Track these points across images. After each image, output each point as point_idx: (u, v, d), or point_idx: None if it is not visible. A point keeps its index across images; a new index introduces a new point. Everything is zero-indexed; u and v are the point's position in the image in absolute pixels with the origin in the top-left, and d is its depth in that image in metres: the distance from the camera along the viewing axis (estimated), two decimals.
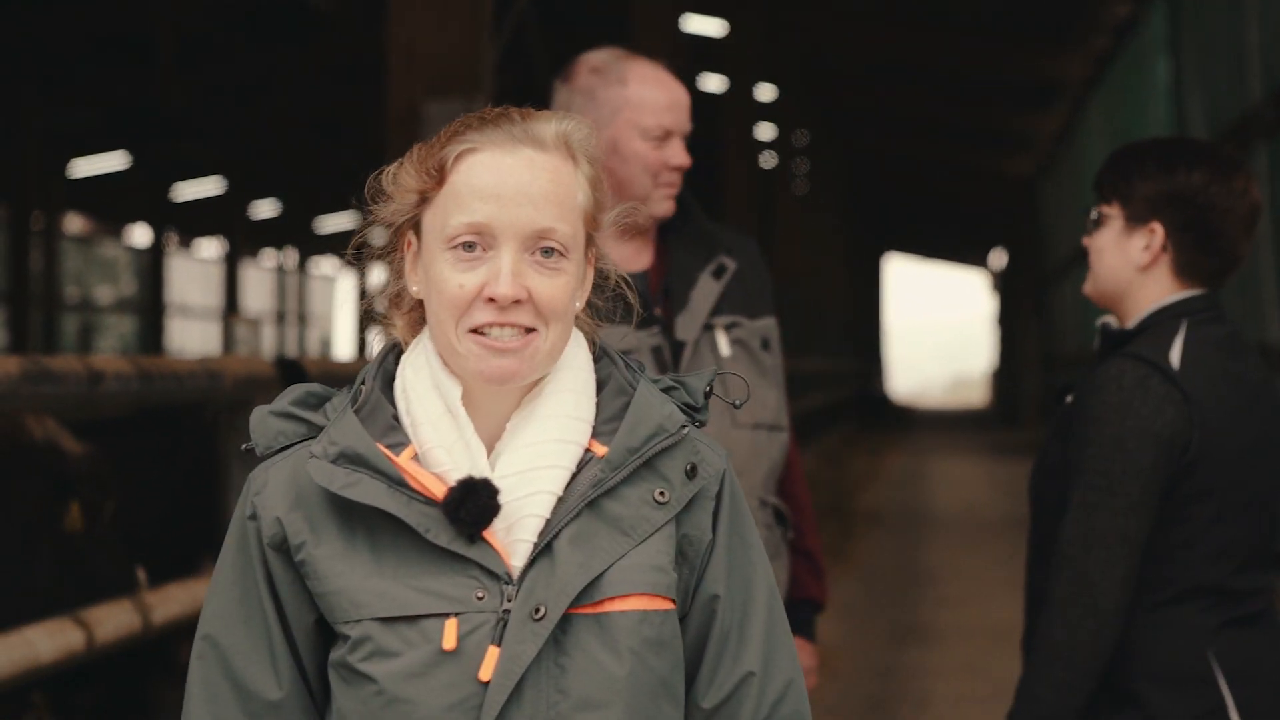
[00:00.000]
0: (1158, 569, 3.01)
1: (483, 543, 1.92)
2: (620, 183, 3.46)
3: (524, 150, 1.97)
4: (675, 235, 3.60)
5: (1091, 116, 20.38)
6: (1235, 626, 3.03)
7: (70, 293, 34.53)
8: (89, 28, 22.26)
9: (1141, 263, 3.14)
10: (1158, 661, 2.99)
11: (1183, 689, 2.98)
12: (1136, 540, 2.97)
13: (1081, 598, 2.96)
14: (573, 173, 2.01)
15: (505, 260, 1.94)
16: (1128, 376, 3.00)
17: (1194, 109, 13.32)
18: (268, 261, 46.38)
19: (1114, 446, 2.97)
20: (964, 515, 16.80)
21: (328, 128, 30.39)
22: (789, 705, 2.04)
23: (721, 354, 3.51)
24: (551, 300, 1.95)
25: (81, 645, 4.28)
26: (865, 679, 8.43)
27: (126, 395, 4.63)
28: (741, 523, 2.06)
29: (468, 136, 1.98)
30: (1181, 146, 3.24)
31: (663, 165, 3.50)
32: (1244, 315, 11.11)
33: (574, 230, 1.99)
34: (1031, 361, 32.84)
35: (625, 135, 3.48)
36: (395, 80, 7.42)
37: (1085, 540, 2.97)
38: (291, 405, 2.04)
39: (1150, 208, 3.12)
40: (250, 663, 1.98)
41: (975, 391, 68.34)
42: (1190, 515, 3.01)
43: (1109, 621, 2.95)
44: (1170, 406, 2.98)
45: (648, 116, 3.49)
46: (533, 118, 2.01)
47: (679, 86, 3.56)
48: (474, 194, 1.95)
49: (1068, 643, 2.96)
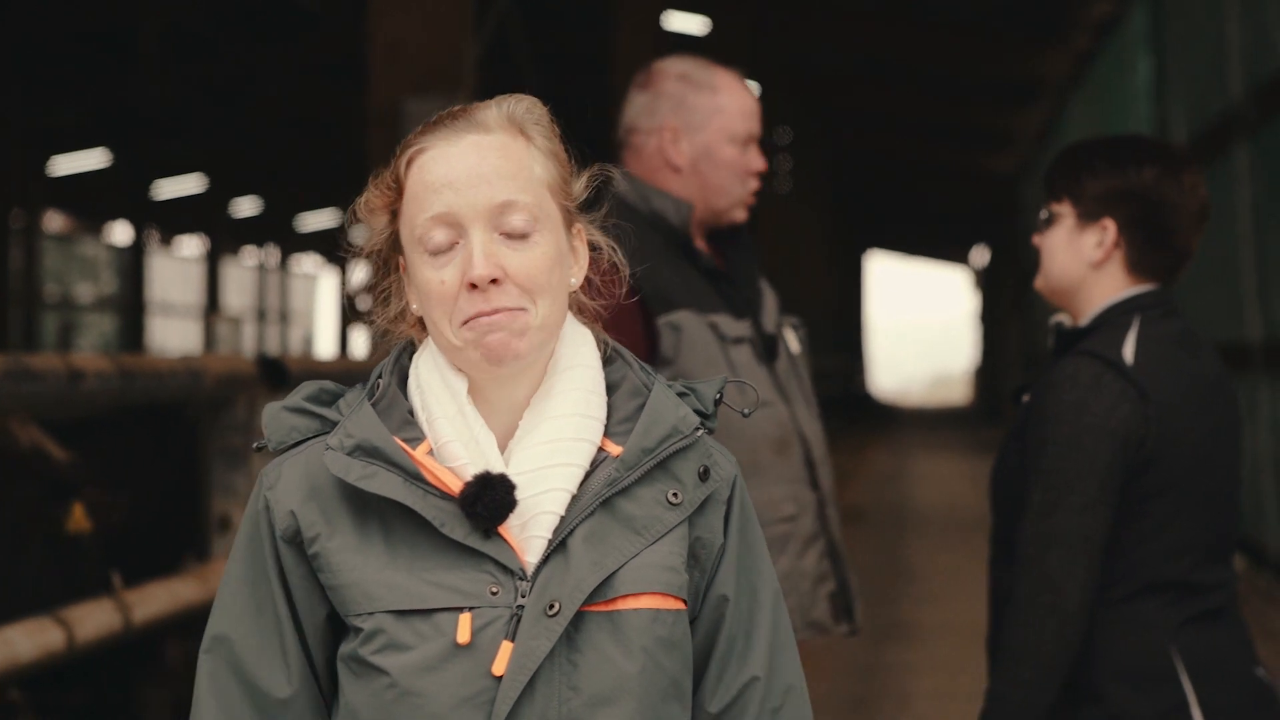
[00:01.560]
0: (1117, 565, 3.01)
1: (497, 538, 1.93)
2: (711, 187, 3.62)
3: (468, 137, 1.98)
4: (729, 239, 3.73)
5: (1073, 115, 20.43)
6: (1197, 622, 3.03)
7: (50, 291, 34.43)
8: (70, 25, 22.20)
9: (1094, 259, 3.15)
10: (1120, 658, 3.00)
11: (1145, 686, 2.99)
12: (1096, 538, 2.97)
13: (1043, 597, 2.96)
14: (524, 147, 2.01)
15: (475, 242, 1.95)
16: (1082, 374, 3.01)
17: (1175, 107, 13.36)
18: (249, 259, 46.30)
19: (1070, 445, 2.98)
20: (946, 513, 16.83)
21: (309, 125, 30.35)
22: (792, 710, 2.05)
23: (793, 351, 3.67)
24: (529, 273, 1.96)
25: (61, 644, 4.26)
26: (847, 676, 8.44)
27: (108, 394, 4.63)
28: (750, 528, 2.08)
29: (414, 141, 2.01)
30: (1131, 143, 3.26)
31: (748, 170, 3.64)
32: (1224, 313, 11.15)
33: (537, 200, 1.99)
34: (1013, 359, 32.94)
35: (718, 141, 3.62)
36: (377, 77, 7.41)
37: (1044, 539, 2.97)
38: (305, 401, 2.05)
39: (1102, 205, 3.13)
40: (260, 658, 1.98)
41: (957, 389, 68.49)
42: (1148, 511, 3.01)
43: (1072, 620, 2.96)
44: (1125, 403, 2.99)
45: (738, 123, 3.63)
46: (475, 108, 2.02)
47: (753, 94, 3.72)
48: (429, 190, 1.97)
49: (1032, 642, 2.96)
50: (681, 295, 3.41)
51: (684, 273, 3.48)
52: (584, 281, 2.09)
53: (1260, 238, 10.58)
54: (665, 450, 1.99)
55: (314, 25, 21.84)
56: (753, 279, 3.69)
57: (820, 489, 3.61)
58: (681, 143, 3.61)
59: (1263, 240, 10.55)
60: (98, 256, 38.64)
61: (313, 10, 20.86)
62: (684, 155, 3.61)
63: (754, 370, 3.49)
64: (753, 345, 3.53)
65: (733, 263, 3.69)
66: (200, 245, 40.20)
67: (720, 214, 3.65)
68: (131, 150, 29.43)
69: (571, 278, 2.05)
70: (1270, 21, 10.14)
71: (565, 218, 2.04)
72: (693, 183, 3.61)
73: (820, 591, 3.61)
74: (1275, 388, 10.37)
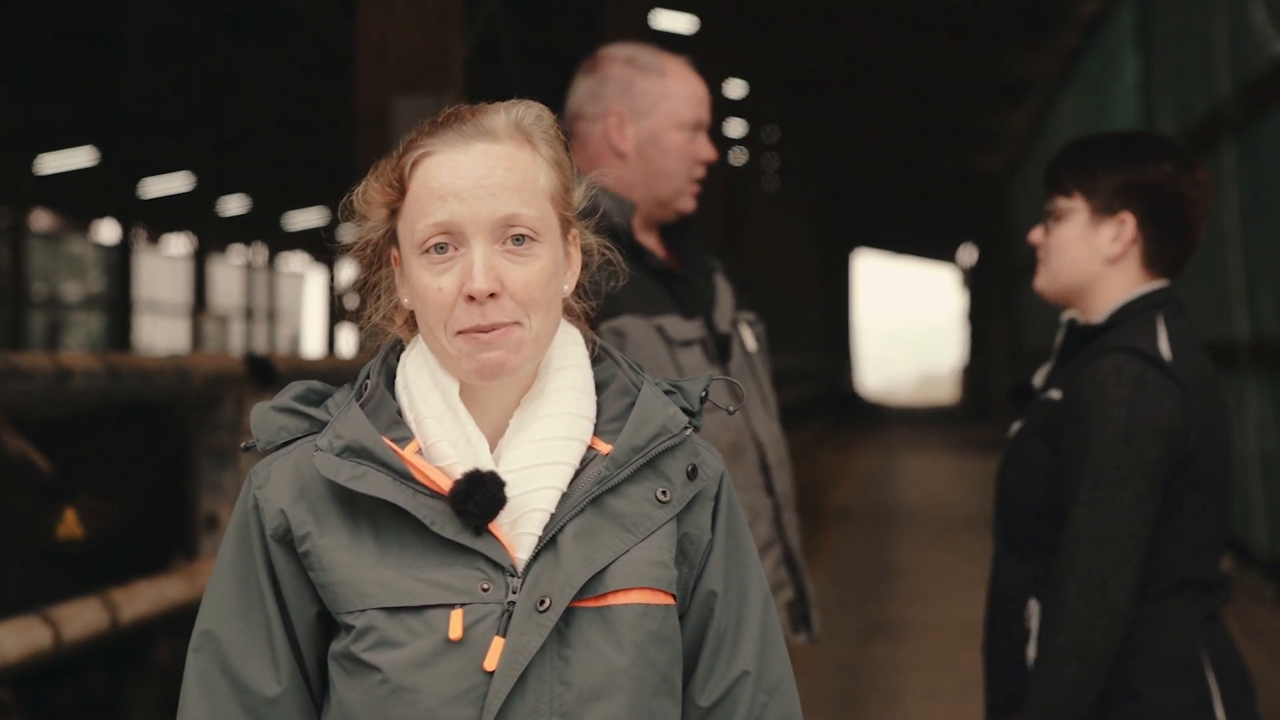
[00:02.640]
0: (1154, 562, 3.01)
1: (488, 535, 1.95)
2: (656, 174, 3.52)
3: (477, 145, 1.99)
4: (678, 235, 3.64)
5: (1061, 113, 20.45)
6: (1213, 618, 3.07)
7: (38, 289, 34.35)
8: (57, 23, 22.15)
9: (1110, 254, 3.14)
10: (1153, 654, 3.00)
11: (1176, 681, 2.99)
12: (1144, 535, 2.96)
13: (1094, 595, 2.93)
14: (531, 157, 2.02)
15: (476, 255, 1.96)
16: (1125, 371, 2.99)
17: (1163, 106, 13.38)
18: (237, 258, 46.22)
19: (1120, 441, 2.96)
20: (933, 511, 16.84)
21: (297, 124, 30.30)
22: (781, 705, 2.07)
23: (749, 348, 3.58)
24: (527, 289, 1.97)
25: (49, 643, 4.25)
26: (835, 674, 8.44)
27: (95, 392, 4.61)
28: (738, 525, 2.10)
29: (421, 143, 2.01)
30: (1141, 139, 3.26)
31: (695, 158, 3.55)
32: (1212, 312, 11.17)
33: (541, 214, 2.00)
34: (1000, 358, 32.95)
35: (665, 126, 3.52)
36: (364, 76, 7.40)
37: (1094, 537, 2.95)
38: (294, 401, 2.06)
39: (1119, 198, 3.12)
40: (249, 657, 1.99)
41: (944, 388, 68.52)
42: (1184, 507, 3.01)
43: (1120, 618, 2.94)
44: (1169, 399, 2.98)
45: (686, 108, 3.53)
46: (483, 112, 2.02)
47: (702, 81, 3.62)
48: (434, 196, 1.97)
49: (1080, 641, 2.93)
50: (625, 299, 3.24)
51: (629, 275, 3.39)
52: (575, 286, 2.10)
53: (1247, 236, 10.59)
54: (654, 449, 2.01)
55: (301, 24, 21.80)
56: (706, 274, 3.60)
57: (776, 495, 3.52)
58: (627, 128, 3.51)
59: (1249, 239, 10.57)
60: (85, 255, 38.56)
61: (300, 9, 20.83)
62: (629, 141, 3.51)
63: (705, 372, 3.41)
64: (704, 346, 3.44)
65: (686, 256, 3.60)
66: (188, 244, 40.12)
67: (665, 202, 3.54)
68: (119, 148, 29.35)
69: (565, 284, 2.07)
70: (1257, 20, 10.16)
71: (563, 226, 2.06)
72: (638, 169, 3.51)
73: (777, 600, 3.52)
74: (1262, 387, 10.40)
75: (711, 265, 3.65)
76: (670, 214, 3.58)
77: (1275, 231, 9.98)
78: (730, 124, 22.62)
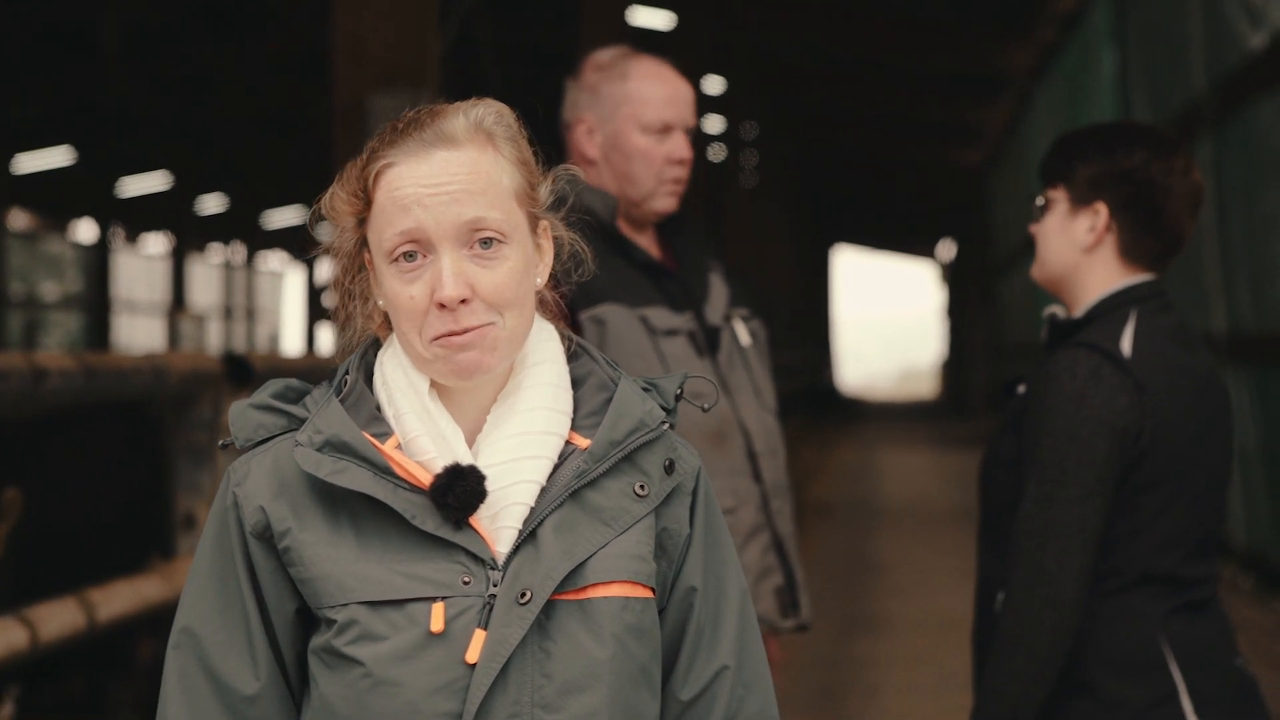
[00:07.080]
0: (1110, 558, 3.02)
1: (468, 529, 1.96)
2: (622, 177, 3.56)
3: (437, 153, 1.99)
4: (675, 232, 3.69)
5: (1038, 108, 20.49)
6: (1183, 613, 3.05)
7: (15, 289, 34.22)
8: (31, 21, 22.06)
9: (1086, 244, 3.16)
10: (1111, 649, 3.01)
11: (1136, 675, 3.00)
12: (1092, 530, 2.97)
13: (1039, 588, 2.96)
14: (493, 159, 2.02)
15: (445, 263, 1.97)
16: (1080, 366, 3.01)
17: (1139, 100, 13.41)
18: (215, 257, 46.10)
19: (1068, 437, 2.98)
20: (913, 506, 16.88)
21: (275, 122, 30.22)
22: (758, 699, 2.10)
23: (742, 343, 3.62)
24: (498, 292, 1.98)
25: (25, 644, 4.24)
26: (815, 669, 8.45)
27: (71, 392, 4.60)
28: (715, 521, 2.12)
29: (382, 153, 2.01)
30: (1122, 129, 3.28)
31: (663, 160, 3.56)
32: (1190, 305, 11.20)
33: (506, 214, 2.01)
34: (980, 353, 33.03)
35: (626, 130, 3.55)
36: (341, 73, 7.39)
37: (1041, 531, 2.97)
38: (271, 398, 2.07)
39: (1093, 188, 3.14)
40: (228, 654, 2.00)
41: (924, 383, 68.67)
42: (1140, 504, 3.02)
43: (1068, 611, 2.96)
44: (1123, 396, 2.99)
45: (647, 111, 3.55)
46: (442, 116, 2.02)
47: (681, 81, 3.63)
48: (398, 207, 1.98)
49: (1028, 634, 2.96)
50: (607, 289, 3.34)
51: (613, 266, 3.41)
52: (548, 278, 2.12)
53: (1223, 230, 10.63)
54: (632, 443, 2.03)
55: (277, 21, 21.75)
56: (700, 271, 3.64)
57: (763, 482, 3.58)
58: (596, 134, 3.57)
59: (1225, 232, 10.60)
60: (62, 254, 38.41)
61: (275, 6, 20.77)
62: (596, 147, 3.57)
63: (690, 362, 3.45)
64: (691, 337, 3.48)
65: (680, 255, 3.65)
66: (165, 243, 39.99)
67: (637, 203, 3.58)
68: (95, 147, 29.22)
69: (537, 278, 2.08)
70: (1231, 15, 10.19)
71: (531, 221, 2.07)
72: (606, 174, 3.56)
73: (765, 586, 3.60)
74: (1239, 380, 10.43)
75: (708, 263, 3.70)
76: (648, 214, 3.61)
77: (1251, 225, 10.02)
78: (708, 120, 22.62)
